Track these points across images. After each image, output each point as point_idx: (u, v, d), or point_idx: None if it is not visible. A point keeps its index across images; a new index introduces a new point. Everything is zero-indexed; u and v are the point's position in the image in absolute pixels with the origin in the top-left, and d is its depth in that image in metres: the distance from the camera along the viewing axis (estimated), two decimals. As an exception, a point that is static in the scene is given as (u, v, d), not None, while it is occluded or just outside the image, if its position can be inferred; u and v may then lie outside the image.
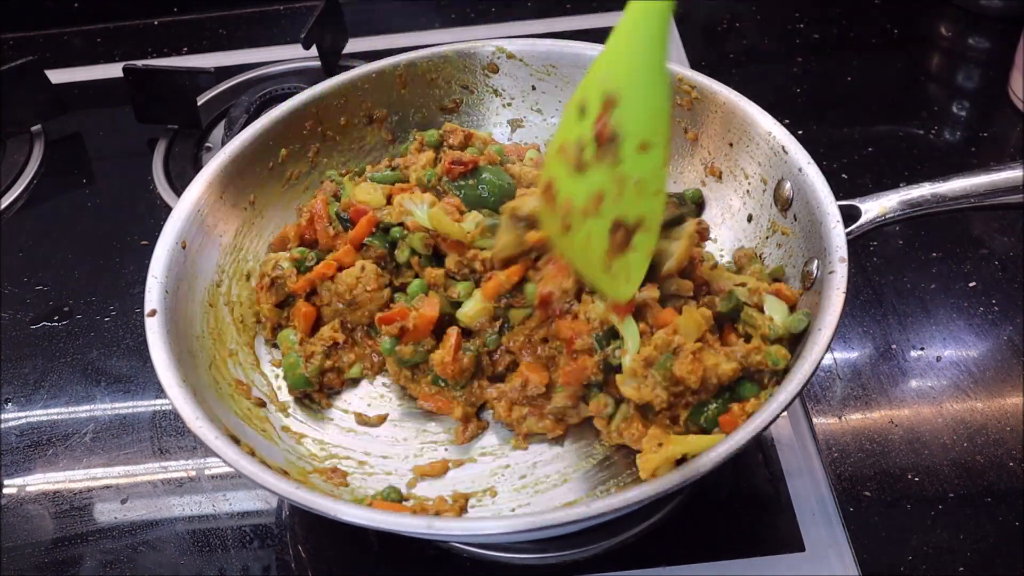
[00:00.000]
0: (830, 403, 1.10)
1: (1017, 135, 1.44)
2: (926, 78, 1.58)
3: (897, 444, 1.05)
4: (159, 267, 0.99)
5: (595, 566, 0.98)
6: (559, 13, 1.74)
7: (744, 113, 1.09)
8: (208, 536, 1.03)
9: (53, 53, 1.72)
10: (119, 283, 1.30)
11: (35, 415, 1.16)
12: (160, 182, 1.44)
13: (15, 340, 1.24)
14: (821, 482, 1.03)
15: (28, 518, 1.06)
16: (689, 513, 1.01)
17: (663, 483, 0.79)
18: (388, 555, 1.01)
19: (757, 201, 1.09)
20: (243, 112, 1.47)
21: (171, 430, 1.13)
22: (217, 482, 1.08)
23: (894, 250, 1.27)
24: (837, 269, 0.91)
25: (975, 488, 1.01)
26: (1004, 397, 1.09)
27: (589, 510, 0.78)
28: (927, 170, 1.38)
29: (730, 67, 1.60)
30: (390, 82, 1.22)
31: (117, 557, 1.02)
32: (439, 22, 1.74)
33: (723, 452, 0.80)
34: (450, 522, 0.84)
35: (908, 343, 1.16)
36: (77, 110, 1.57)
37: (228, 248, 1.09)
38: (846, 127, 1.46)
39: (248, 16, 1.78)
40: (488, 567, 0.99)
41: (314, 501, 0.80)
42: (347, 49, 1.62)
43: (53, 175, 1.49)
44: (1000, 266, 1.23)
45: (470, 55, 1.23)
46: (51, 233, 1.39)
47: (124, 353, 1.22)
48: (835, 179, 1.33)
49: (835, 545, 0.98)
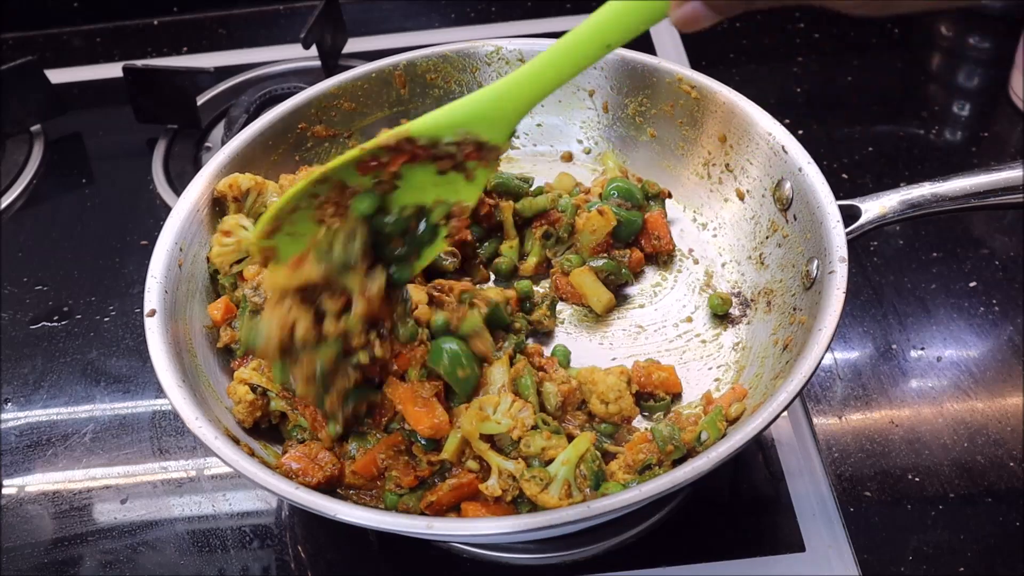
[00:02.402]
0: (830, 403, 1.10)
1: (1017, 135, 1.44)
2: (926, 78, 1.58)
3: (897, 444, 1.05)
4: (159, 267, 0.99)
5: (595, 566, 0.98)
6: (559, 13, 1.74)
7: (744, 113, 1.09)
8: (208, 536, 1.03)
9: (53, 53, 1.72)
10: (119, 283, 1.30)
11: (35, 415, 1.16)
12: (160, 182, 1.44)
13: (15, 340, 1.24)
14: (821, 482, 1.03)
15: (28, 518, 1.06)
16: (689, 513, 1.01)
17: (663, 483, 0.79)
18: (388, 555, 1.00)
19: (757, 201, 1.09)
20: (243, 112, 1.47)
21: (171, 430, 1.13)
22: (217, 482, 1.08)
23: (894, 250, 1.27)
24: (837, 269, 0.91)
25: (975, 488, 1.01)
26: (1004, 397, 1.09)
27: (589, 510, 0.78)
28: (927, 170, 1.38)
29: (730, 67, 1.60)
30: (389, 82, 1.22)
31: (117, 557, 1.02)
32: (439, 22, 1.74)
33: (723, 452, 0.80)
34: (450, 523, 0.84)
35: (908, 343, 1.16)
36: (77, 110, 1.57)
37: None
38: (846, 127, 1.46)
39: (248, 16, 1.78)
40: (488, 567, 0.99)
41: (314, 501, 0.80)
42: (347, 49, 1.62)
43: (53, 175, 1.49)
44: (1000, 266, 1.23)
45: (470, 55, 1.23)
46: (51, 233, 1.39)
47: (124, 353, 1.22)
48: (835, 179, 1.34)
49: (835, 545, 0.98)
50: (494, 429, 0.89)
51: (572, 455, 0.87)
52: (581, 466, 0.87)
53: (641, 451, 0.90)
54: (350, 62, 1.57)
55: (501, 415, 0.89)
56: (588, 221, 1.08)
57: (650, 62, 1.17)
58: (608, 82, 1.21)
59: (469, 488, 0.89)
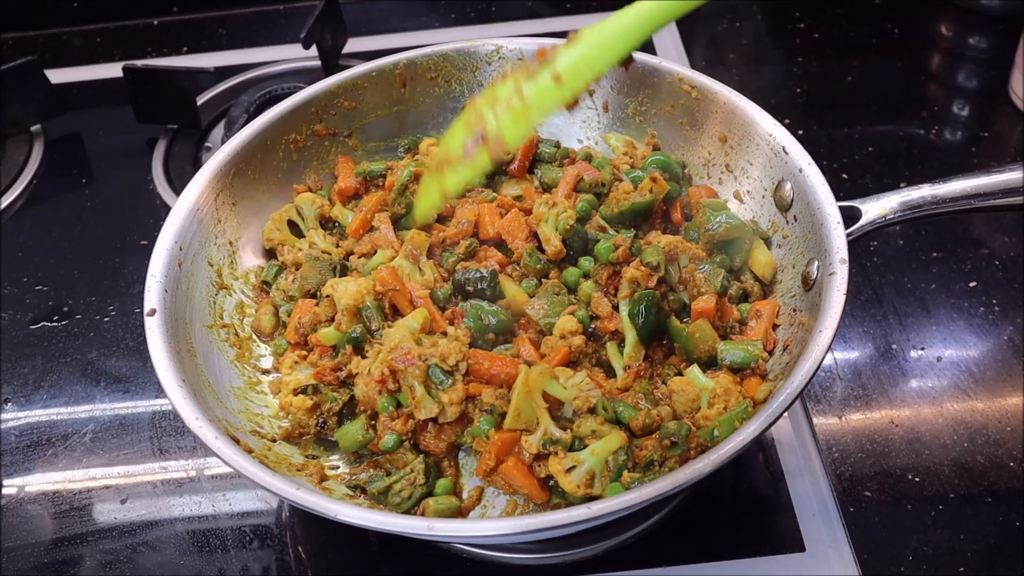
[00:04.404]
0: (830, 403, 1.10)
1: (1017, 135, 1.44)
2: (926, 78, 1.58)
3: (897, 444, 1.05)
4: (159, 267, 0.99)
5: (595, 566, 0.98)
6: (559, 13, 1.74)
7: (744, 113, 1.09)
8: (208, 536, 1.03)
9: (53, 53, 1.72)
10: (119, 283, 1.30)
11: (35, 415, 1.16)
12: (160, 182, 1.44)
13: (15, 340, 1.24)
14: (821, 482, 1.03)
15: (28, 518, 1.06)
16: (689, 513, 1.01)
17: (663, 485, 0.79)
18: (388, 555, 1.00)
19: (757, 202, 1.09)
20: (243, 112, 1.47)
21: (171, 430, 1.13)
22: (217, 482, 1.08)
23: (894, 250, 1.27)
24: (837, 270, 0.91)
25: (975, 488, 1.01)
26: (1004, 397, 1.09)
27: (589, 511, 0.77)
28: (927, 170, 1.38)
29: (730, 67, 1.60)
30: (390, 81, 1.22)
31: (117, 557, 1.02)
32: (439, 22, 1.74)
33: (724, 453, 0.80)
34: (451, 523, 0.84)
35: (908, 343, 1.16)
36: (77, 110, 1.57)
37: (227, 246, 1.09)
38: (846, 127, 1.46)
39: (248, 16, 1.78)
40: (488, 567, 0.99)
41: (314, 502, 0.80)
42: (347, 49, 1.62)
43: (53, 175, 1.49)
44: (1000, 266, 1.23)
45: (470, 54, 1.23)
46: (51, 233, 1.39)
47: (124, 353, 1.21)
48: (835, 179, 1.35)
49: (835, 545, 0.98)
50: (557, 391, 0.92)
51: (602, 448, 0.89)
52: (610, 460, 0.89)
53: (645, 448, 0.90)
54: (350, 62, 1.57)
55: (570, 384, 0.93)
56: (642, 186, 1.09)
57: (650, 62, 1.17)
58: (608, 82, 1.21)
59: (512, 440, 0.92)
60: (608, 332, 0.99)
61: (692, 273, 1.02)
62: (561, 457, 0.90)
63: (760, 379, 0.94)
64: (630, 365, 0.97)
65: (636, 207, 1.07)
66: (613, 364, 0.98)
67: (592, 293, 1.01)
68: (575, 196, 1.11)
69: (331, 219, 1.15)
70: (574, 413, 0.93)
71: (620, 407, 0.93)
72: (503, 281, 1.04)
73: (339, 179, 1.18)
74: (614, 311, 1.00)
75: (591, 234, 1.07)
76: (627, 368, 0.97)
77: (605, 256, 1.02)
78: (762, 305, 1.01)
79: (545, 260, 1.06)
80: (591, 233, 1.07)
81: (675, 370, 0.98)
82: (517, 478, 0.91)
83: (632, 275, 0.99)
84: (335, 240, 1.14)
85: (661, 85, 1.17)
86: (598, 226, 1.08)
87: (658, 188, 1.08)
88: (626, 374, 0.97)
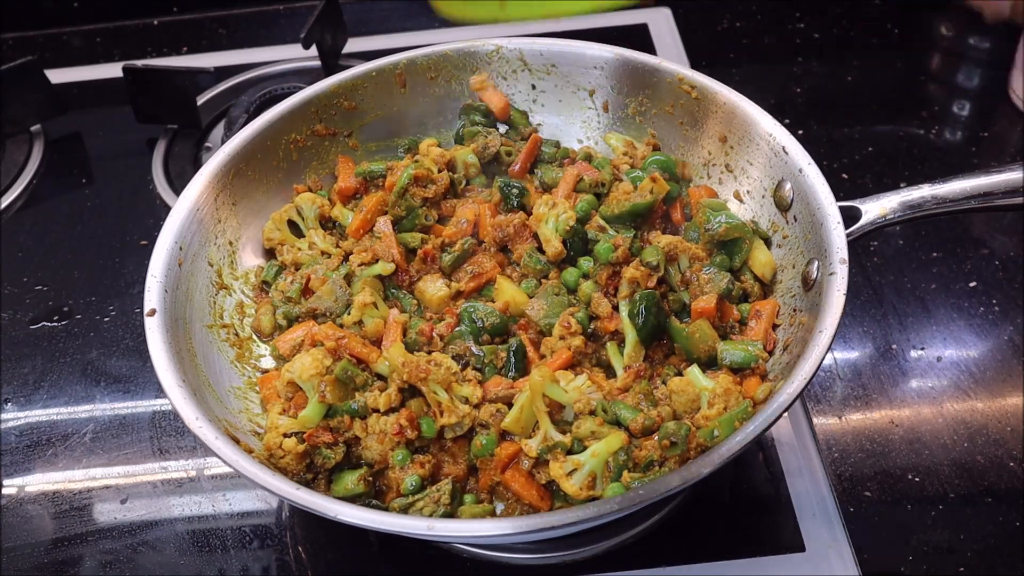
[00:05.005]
0: (830, 403, 1.10)
1: (1017, 135, 1.44)
2: (926, 78, 1.58)
3: (897, 444, 1.05)
4: (159, 267, 0.99)
5: (595, 566, 0.98)
6: (559, 13, 1.74)
7: (744, 113, 1.09)
8: (208, 536, 1.03)
9: (53, 53, 1.72)
10: (119, 283, 1.30)
11: (35, 415, 1.16)
12: (160, 182, 1.44)
13: (15, 340, 1.24)
14: (821, 482, 1.03)
15: (28, 518, 1.06)
16: (689, 513, 1.01)
17: (663, 485, 0.79)
18: (388, 555, 1.01)
19: (757, 202, 1.09)
20: (243, 112, 1.47)
21: (171, 430, 1.13)
22: (217, 482, 1.08)
23: (894, 250, 1.27)
24: (837, 271, 0.91)
25: (975, 488, 1.01)
26: (1004, 397, 1.09)
27: (589, 511, 0.78)
28: (928, 170, 1.38)
29: (730, 67, 1.60)
30: (390, 81, 1.22)
31: (117, 557, 1.02)
32: (439, 22, 1.75)
33: (724, 453, 0.80)
34: (450, 523, 0.84)
35: (908, 343, 1.16)
36: (77, 110, 1.57)
37: (227, 246, 1.09)
38: (846, 127, 1.46)
39: (248, 16, 1.78)
40: (488, 567, 0.99)
41: (314, 502, 0.80)
42: (347, 49, 1.62)
43: (53, 175, 1.49)
44: (1000, 266, 1.23)
45: (470, 54, 1.23)
46: (51, 233, 1.39)
47: (124, 353, 1.22)
48: (835, 179, 1.35)
49: (835, 545, 0.98)
50: (559, 395, 0.92)
51: (603, 449, 0.89)
52: (610, 461, 0.89)
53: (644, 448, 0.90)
54: (350, 62, 1.57)
55: (571, 387, 0.92)
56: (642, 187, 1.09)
57: (650, 62, 1.17)
58: (608, 82, 1.21)
59: (513, 452, 0.92)
60: (608, 332, 0.99)
61: (697, 274, 1.01)
62: (561, 461, 0.89)
63: (760, 379, 0.94)
64: (630, 365, 0.97)
65: (636, 207, 1.07)
66: (613, 364, 0.98)
67: (592, 293, 1.01)
68: (575, 196, 1.11)
69: (331, 219, 1.15)
70: (575, 416, 0.93)
71: (620, 409, 0.93)
72: (501, 281, 1.04)
73: (339, 179, 1.18)
74: (614, 311, 1.00)
75: (591, 234, 1.07)
76: (627, 368, 0.97)
77: (605, 256, 1.02)
78: (762, 305, 1.01)
79: (545, 261, 1.06)
80: (591, 233, 1.07)
81: (675, 370, 0.98)
82: (518, 488, 0.91)
83: (632, 275, 0.99)
84: (335, 240, 1.14)
85: (661, 85, 1.17)
86: (598, 226, 1.08)
87: (658, 188, 1.08)
88: (626, 374, 0.96)
